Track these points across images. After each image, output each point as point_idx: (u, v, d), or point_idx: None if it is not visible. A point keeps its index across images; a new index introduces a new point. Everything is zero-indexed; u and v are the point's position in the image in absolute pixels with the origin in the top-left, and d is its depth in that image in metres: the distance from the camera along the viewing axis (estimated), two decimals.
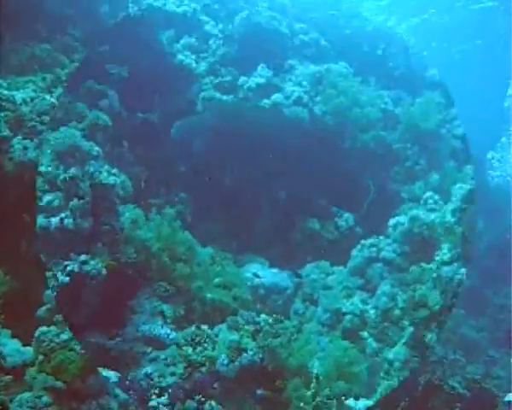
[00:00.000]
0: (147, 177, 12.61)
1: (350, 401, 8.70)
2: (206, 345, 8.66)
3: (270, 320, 9.07)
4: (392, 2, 22.64)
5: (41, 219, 8.31)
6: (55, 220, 8.27)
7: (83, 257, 8.27)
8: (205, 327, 8.96)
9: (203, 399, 8.18)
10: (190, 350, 8.57)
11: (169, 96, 13.57)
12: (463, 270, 9.96)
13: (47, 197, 8.35)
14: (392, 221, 12.38)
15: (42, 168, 8.59)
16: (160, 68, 13.58)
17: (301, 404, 8.36)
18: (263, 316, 9.16)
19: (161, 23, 14.21)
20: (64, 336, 7.64)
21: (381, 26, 18.48)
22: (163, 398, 8.14)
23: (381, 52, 17.72)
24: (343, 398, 8.51)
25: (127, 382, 7.99)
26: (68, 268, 8.17)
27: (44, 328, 7.62)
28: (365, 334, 11.18)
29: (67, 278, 8.14)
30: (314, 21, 17.44)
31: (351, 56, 16.94)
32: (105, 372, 7.90)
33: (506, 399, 8.37)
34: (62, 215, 8.30)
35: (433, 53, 20.31)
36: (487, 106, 21.18)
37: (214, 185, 12.81)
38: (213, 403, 8.19)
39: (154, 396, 8.13)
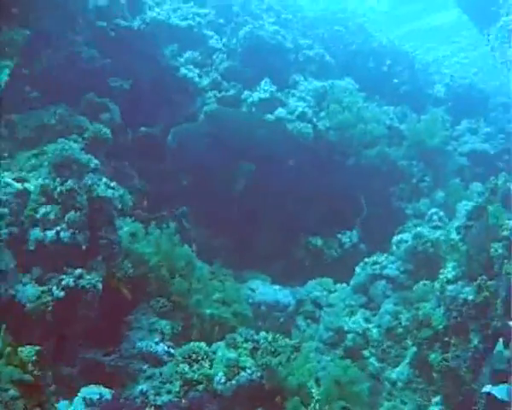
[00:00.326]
0: (148, 191, 12.52)
1: None
2: (203, 363, 8.44)
3: (270, 338, 8.84)
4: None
5: (36, 233, 8.15)
6: (50, 234, 8.11)
7: (78, 271, 8.11)
8: (202, 344, 8.74)
9: None
10: (187, 368, 8.34)
11: (172, 110, 13.48)
12: (468, 289, 9.71)
13: (43, 210, 8.20)
14: (395, 238, 12.17)
15: (39, 180, 8.47)
16: (163, 82, 13.51)
17: None
18: (262, 334, 8.93)
19: (165, 37, 14.18)
20: None
21: (387, 42, 18.40)
22: None
23: (386, 68, 17.66)
24: None
25: (121, 400, 7.79)
26: (63, 282, 8.01)
27: None
28: (367, 353, 10.95)
29: (62, 293, 7.98)
30: (319, 37, 17.45)
31: (356, 72, 16.95)
32: (99, 390, 7.72)
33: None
34: (58, 228, 8.14)
35: None
36: None
37: (216, 200, 12.68)
38: None
39: None
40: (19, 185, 8.48)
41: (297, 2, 20.10)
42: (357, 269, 12.34)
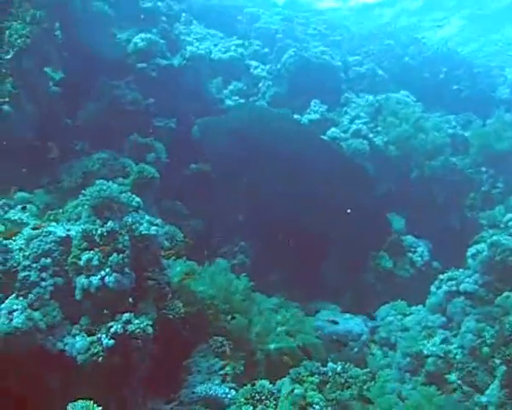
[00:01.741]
0: (203, 228, 12.11)
1: None
2: (267, 402, 7.76)
3: (339, 369, 8.10)
4: None
5: (82, 281, 7.74)
6: (95, 280, 7.69)
7: (126, 316, 7.63)
8: (266, 382, 8.05)
9: None
10: (251, 409, 7.69)
11: None
12: None
13: (86, 256, 7.80)
14: (471, 250, 11.24)
15: (80, 225, 8.13)
16: (209, 116, 13.16)
17: None
18: (330, 364, 8.18)
19: (208, 71, 13.88)
20: None
21: (441, 49, 17.63)
22: None
23: (443, 76, 16.91)
24: None
25: None
26: (112, 330, 7.54)
27: None
28: (452, 377, 10.02)
29: (112, 341, 7.50)
30: (370, 53, 16.89)
31: (411, 84, 16.30)
32: None
33: None
34: (103, 273, 7.72)
35: None
36: None
37: (273, 231, 12.09)
38: None
39: None
40: (61, 233, 8.15)
41: (343, 24, 19.61)
42: (432, 288, 11.49)
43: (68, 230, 8.32)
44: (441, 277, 11.45)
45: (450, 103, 16.38)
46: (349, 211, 11.77)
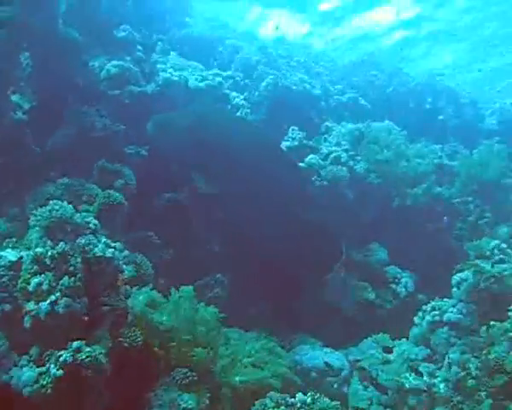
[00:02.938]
0: (177, 259, 11.58)
1: None
2: None
3: (309, 400, 7.51)
4: None
5: (31, 307, 7.23)
6: (44, 305, 7.17)
7: (76, 344, 7.08)
8: None
9: None
10: None
11: None
12: None
13: (35, 280, 7.30)
14: (454, 278, 10.77)
15: (31, 248, 7.66)
16: None
17: None
18: (299, 396, 7.59)
19: (183, 99, 13.53)
20: None
21: (427, 80, 17.41)
22: None
23: (428, 106, 16.66)
24: None
25: None
26: (61, 359, 6.99)
27: None
28: None
29: (60, 371, 6.94)
30: (352, 84, 16.65)
31: (396, 114, 16.01)
32: None
33: None
34: (53, 298, 7.20)
35: None
36: None
37: (250, 261, 11.60)
38: None
39: None
40: (12, 257, 7.66)
41: (327, 56, 19.48)
42: (416, 319, 10.97)
43: (21, 255, 7.85)
44: (424, 307, 10.95)
45: (437, 134, 16.10)
46: None
